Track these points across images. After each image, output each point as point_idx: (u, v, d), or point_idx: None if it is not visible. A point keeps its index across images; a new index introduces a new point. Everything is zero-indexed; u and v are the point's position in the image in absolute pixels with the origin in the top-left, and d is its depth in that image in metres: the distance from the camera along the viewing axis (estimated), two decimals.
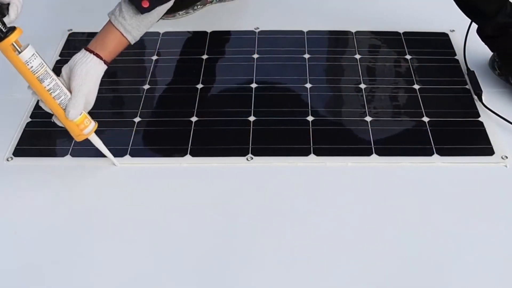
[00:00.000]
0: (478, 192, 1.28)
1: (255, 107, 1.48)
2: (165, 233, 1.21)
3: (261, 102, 1.49)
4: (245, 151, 1.37)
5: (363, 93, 1.51)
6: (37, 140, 1.41)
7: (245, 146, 1.38)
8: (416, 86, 1.53)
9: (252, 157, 1.36)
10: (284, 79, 1.57)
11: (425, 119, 1.44)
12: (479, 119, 1.44)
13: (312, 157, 1.35)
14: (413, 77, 1.56)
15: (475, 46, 1.57)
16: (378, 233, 1.20)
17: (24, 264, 1.17)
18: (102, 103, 1.51)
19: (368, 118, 1.44)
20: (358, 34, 1.71)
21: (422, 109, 1.46)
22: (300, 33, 1.72)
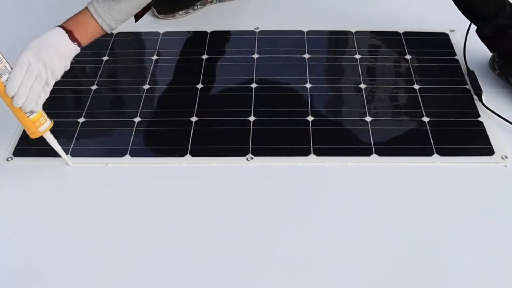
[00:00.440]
0: (478, 192, 1.28)
1: (255, 107, 1.48)
2: (165, 233, 1.21)
3: (261, 102, 1.49)
4: (245, 151, 1.37)
5: (363, 93, 1.51)
6: (37, 140, 1.40)
7: (245, 146, 1.38)
8: (416, 86, 1.53)
9: (252, 157, 1.36)
10: (284, 79, 1.57)
11: (425, 119, 1.44)
12: (479, 119, 1.44)
13: (312, 157, 1.35)
14: (413, 77, 1.56)
15: (475, 46, 1.57)
16: (378, 233, 1.20)
17: (24, 264, 1.17)
18: (102, 103, 1.51)
19: (368, 118, 1.44)
20: (358, 34, 1.71)
21: (422, 109, 1.46)
22: (300, 33, 1.71)
